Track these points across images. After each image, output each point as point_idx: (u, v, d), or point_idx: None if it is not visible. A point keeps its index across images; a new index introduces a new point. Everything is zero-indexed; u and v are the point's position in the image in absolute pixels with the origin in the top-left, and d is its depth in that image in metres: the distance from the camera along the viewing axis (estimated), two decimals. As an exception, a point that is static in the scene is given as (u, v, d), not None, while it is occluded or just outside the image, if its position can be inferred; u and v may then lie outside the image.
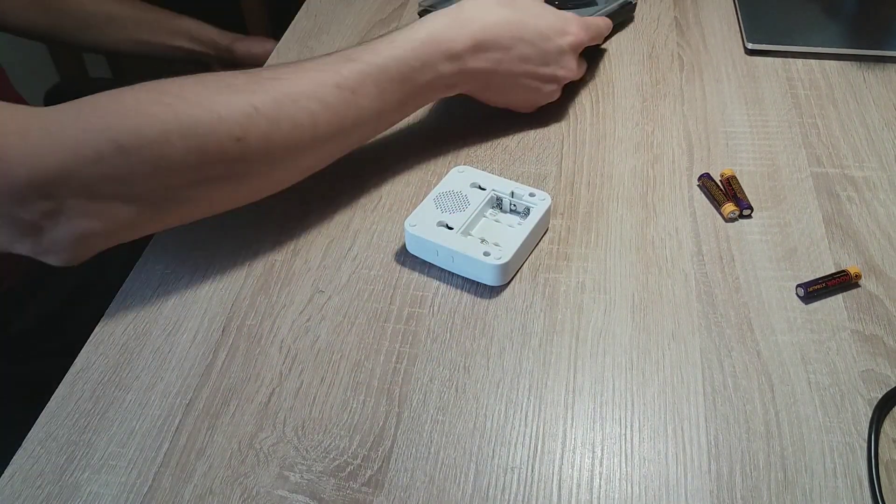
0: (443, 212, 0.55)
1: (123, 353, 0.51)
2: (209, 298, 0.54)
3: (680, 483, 0.43)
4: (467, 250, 0.52)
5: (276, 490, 0.43)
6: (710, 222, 0.57)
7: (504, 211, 0.57)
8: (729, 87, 0.69)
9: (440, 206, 0.55)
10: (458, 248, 0.52)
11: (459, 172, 0.58)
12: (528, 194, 0.56)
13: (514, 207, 0.56)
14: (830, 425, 0.45)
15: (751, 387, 0.47)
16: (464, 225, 0.54)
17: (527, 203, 0.55)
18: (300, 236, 0.58)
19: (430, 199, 0.56)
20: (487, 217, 0.56)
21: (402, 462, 0.44)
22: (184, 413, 0.47)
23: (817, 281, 0.51)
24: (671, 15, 0.79)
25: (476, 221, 0.55)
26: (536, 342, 0.50)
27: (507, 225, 0.56)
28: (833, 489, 0.42)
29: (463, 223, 0.54)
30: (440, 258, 0.54)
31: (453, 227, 0.54)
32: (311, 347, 0.50)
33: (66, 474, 0.44)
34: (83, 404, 0.48)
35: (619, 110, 0.67)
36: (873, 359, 0.48)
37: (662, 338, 0.50)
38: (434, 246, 0.53)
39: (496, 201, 0.57)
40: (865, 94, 0.67)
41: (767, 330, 0.50)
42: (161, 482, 0.44)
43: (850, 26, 0.75)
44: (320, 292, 0.54)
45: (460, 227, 0.54)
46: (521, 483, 0.43)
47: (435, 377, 0.48)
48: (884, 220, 0.56)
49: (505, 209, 0.57)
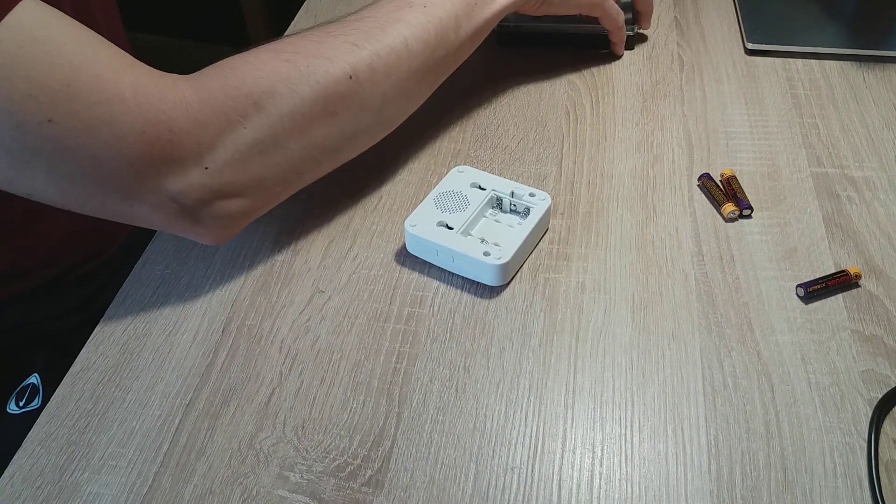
0: (443, 212, 0.55)
1: (123, 353, 0.51)
2: (209, 298, 0.54)
3: (680, 483, 0.43)
4: (467, 250, 0.52)
5: (276, 490, 0.43)
6: (710, 222, 0.57)
7: (504, 211, 0.57)
8: (729, 87, 0.69)
9: (440, 206, 0.55)
10: (458, 248, 0.52)
11: (459, 172, 0.58)
12: (528, 194, 0.56)
13: (514, 207, 0.56)
14: (830, 425, 0.45)
15: (751, 387, 0.47)
16: (464, 225, 0.54)
17: (527, 203, 0.55)
18: (300, 236, 0.58)
19: (429, 199, 0.56)
20: (487, 217, 0.56)
21: (402, 462, 0.44)
22: (184, 413, 0.47)
23: (817, 281, 0.51)
24: (671, 15, 0.79)
25: (476, 221, 0.55)
26: (536, 342, 0.50)
27: (507, 225, 0.56)
28: (833, 489, 0.42)
29: (463, 223, 0.54)
30: (440, 258, 0.54)
31: (453, 227, 0.54)
32: (311, 347, 0.50)
33: (66, 474, 0.44)
34: (83, 404, 0.48)
35: (619, 110, 0.67)
36: (873, 359, 0.48)
37: (662, 338, 0.50)
38: (434, 246, 0.53)
39: (496, 201, 0.57)
40: (865, 95, 0.67)
41: (767, 330, 0.50)
42: (161, 482, 0.44)
43: (850, 26, 0.75)
44: (320, 292, 0.54)
45: (460, 227, 0.54)
46: (522, 483, 0.43)
47: (435, 377, 0.48)
48: (884, 220, 0.56)
49: (505, 209, 0.57)
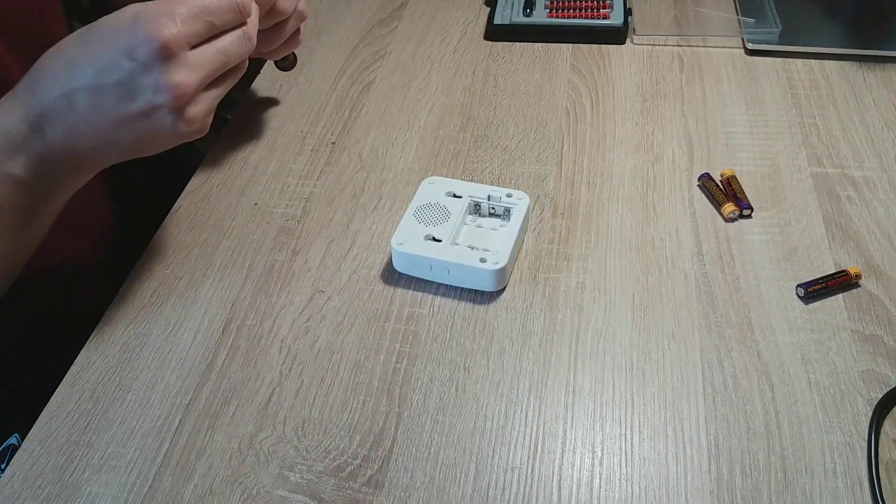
0: (426, 225, 0.54)
1: (123, 353, 0.51)
2: (209, 298, 0.54)
3: (680, 483, 0.43)
4: (463, 259, 0.51)
5: (276, 490, 0.43)
6: (710, 222, 0.57)
7: (483, 215, 0.56)
8: (729, 87, 0.69)
9: (422, 219, 0.54)
10: (453, 258, 0.51)
11: (431, 184, 0.57)
12: (504, 195, 0.55)
13: (493, 211, 0.56)
14: (830, 425, 0.45)
15: (751, 387, 0.47)
16: (451, 235, 0.53)
17: (506, 204, 0.55)
18: (300, 236, 0.58)
19: (409, 215, 0.55)
20: (469, 224, 0.56)
21: (402, 462, 0.44)
22: (184, 413, 0.47)
23: (817, 281, 0.51)
24: (671, 14, 0.79)
25: (460, 230, 0.55)
26: (536, 342, 0.50)
27: (491, 229, 0.55)
28: (833, 489, 0.42)
29: (450, 233, 0.53)
30: (434, 272, 0.53)
31: (441, 238, 0.53)
32: (311, 347, 0.50)
33: (66, 474, 0.44)
34: (83, 404, 0.48)
35: (619, 110, 0.67)
36: (873, 359, 0.48)
37: (662, 338, 0.50)
38: (427, 261, 0.52)
39: (475, 207, 0.56)
40: (865, 94, 0.67)
41: (767, 330, 0.50)
42: (161, 482, 0.44)
43: (850, 26, 0.75)
44: (320, 292, 0.54)
45: (448, 237, 0.53)
46: (521, 483, 0.43)
47: (435, 377, 0.48)
48: (884, 220, 0.56)
49: (484, 213, 0.56)
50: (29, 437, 0.46)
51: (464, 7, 0.82)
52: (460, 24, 0.79)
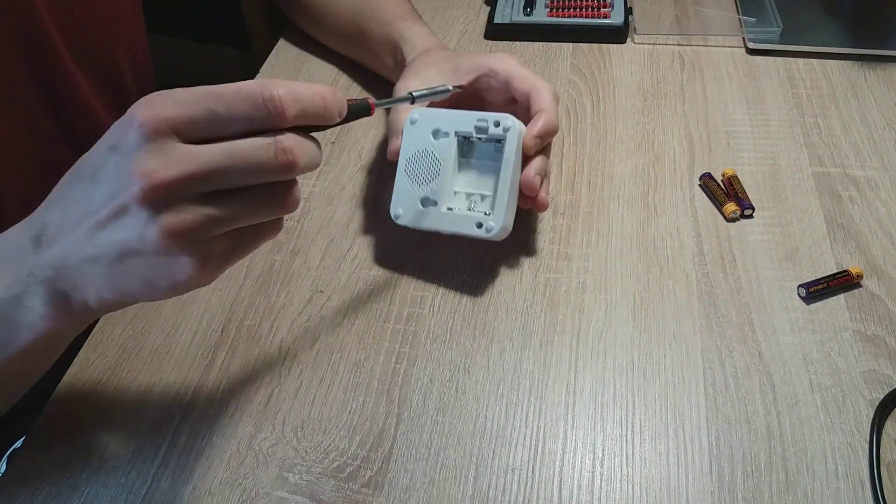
0: (419, 185, 0.52)
1: (123, 353, 0.50)
2: (208, 298, 0.54)
3: (681, 484, 0.42)
4: (460, 228, 0.51)
5: (275, 491, 0.43)
6: (711, 222, 0.57)
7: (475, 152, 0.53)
8: (730, 86, 0.69)
9: (413, 177, 0.53)
10: (450, 227, 0.51)
11: (413, 124, 0.53)
12: (492, 124, 0.50)
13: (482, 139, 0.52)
14: (832, 426, 0.44)
15: (752, 387, 0.46)
16: (446, 191, 0.51)
17: (496, 134, 0.50)
18: (300, 236, 0.58)
19: (401, 174, 0.53)
20: (462, 170, 0.53)
21: (401, 463, 0.44)
22: (183, 413, 0.47)
23: (819, 281, 0.51)
24: (672, 13, 0.78)
25: (455, 178, 0.52)
26: (537, 342, 0.50)
27: (486, 160, 0.52)
28: (835, 490, 0.42)
29: (445, 190, 0.51)
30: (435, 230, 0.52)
31: (437, 199, 0.51)
32: (310, 347, 0.50)
33: (65, 474, 0.44)
34: (82, 404, 0.48)
35: (620, 109, 0.67)
36: (875, 359, 0.48)
37: (663, 338, 0.49)
38: (427, 229, 0.52)
39: (465, 147, 0.53)
40: (867, 94, 0.67)
41: (769, 330, 0.49)
42: (160, 482, 0.44)
43: (851, 26, 0.75)
44: (320, 292, 0.54)
45: (444, 195, 0.51)
46: (522, 484, 0.43)
47: (435, 378, 0.48)
48: (885, 220, 0.56)
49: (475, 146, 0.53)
50: (28, 438, 0.46)
51: (464, 6, 0.81)
52: (460, 24, 0.79)
